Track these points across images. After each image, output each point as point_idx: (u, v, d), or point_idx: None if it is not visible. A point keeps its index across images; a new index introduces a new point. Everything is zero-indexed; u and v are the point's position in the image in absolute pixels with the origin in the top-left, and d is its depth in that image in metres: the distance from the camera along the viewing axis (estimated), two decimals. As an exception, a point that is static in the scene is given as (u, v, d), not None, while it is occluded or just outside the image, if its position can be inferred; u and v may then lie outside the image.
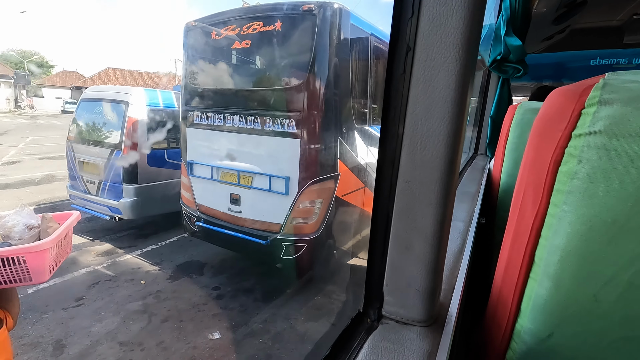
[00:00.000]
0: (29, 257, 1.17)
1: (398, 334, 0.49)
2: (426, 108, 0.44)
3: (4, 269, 1.12)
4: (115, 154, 4.69)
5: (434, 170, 0.45)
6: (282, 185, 3.24)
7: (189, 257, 4.69)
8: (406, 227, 0.49)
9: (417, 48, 0.44)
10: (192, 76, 3.79)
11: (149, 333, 3.12)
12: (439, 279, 0.52)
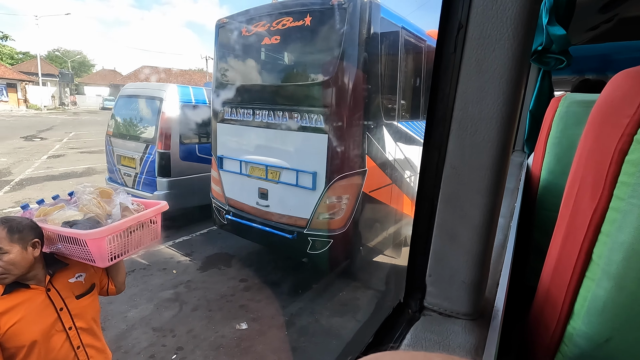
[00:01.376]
0: (90, 242, 1.34)
1: (441, 326, 0.47)
2: (478, 89, 0.42)
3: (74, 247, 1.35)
4: (150, 148, 4.88)
5: (485, 156, 0.43)
6: (309, 180, 3.25)
7: (218, 249, 4.81)
8: (452, 216, 0.47)
9: (470, 25, 0.41)
10: (222, 72, 3.87)
11: (180, 320, 3.23)
12: (486, 272, 0.49)
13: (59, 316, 1.35)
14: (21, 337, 1.24)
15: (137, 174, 5.08)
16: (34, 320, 1.28)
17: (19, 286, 1.27)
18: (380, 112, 3.39)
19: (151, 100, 4.99)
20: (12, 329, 1.22)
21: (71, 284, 1.42)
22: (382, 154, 3.45)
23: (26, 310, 1.27)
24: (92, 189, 1.60)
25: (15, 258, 1.22)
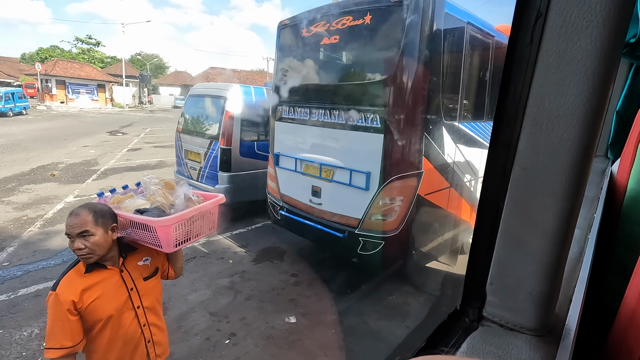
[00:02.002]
0: (159, 229, 1.49)
1: (502, 339, 0.44)
2: (558, 82, 0.37)
3: (144, 232, 1.51)
4: (213, 144, 5.20)
5: (562, 157, 0.38)
6: (362, 180, 3.22)
7: (271, 243, 4.99)
8: (520, 221, 0.43)
9: (550, 13, 0.37)
10: (282, 72, 3.99)
11: (234, 308, 3.41)
12: (557, 285, 0.44)
13: (129, 295, 1.49)
14: (99, 312, 1.39)
15: (201, 168, 5.45)
16: (110, 297, 1.43)
17: (98, 266, 1.42)
18: (440, 112, 3.25)
19: (216, 99, 5.32)
20: (92, 304, 1.37)
21: (139, 266, 1.57)
22: (440, 155, 3.31)
23: (104, 289, 1.42)
24: (157, 180, 1.75)
25: (99, 240, 1.37)
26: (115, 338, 1.45)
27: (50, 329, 1.32)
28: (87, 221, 1.35)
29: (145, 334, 1.55)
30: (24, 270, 3.91)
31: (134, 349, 1.52)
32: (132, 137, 15.98)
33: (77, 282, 1.37)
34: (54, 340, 1.31)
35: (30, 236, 4.80)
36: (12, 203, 6.11)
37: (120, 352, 1.47)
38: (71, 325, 1.33)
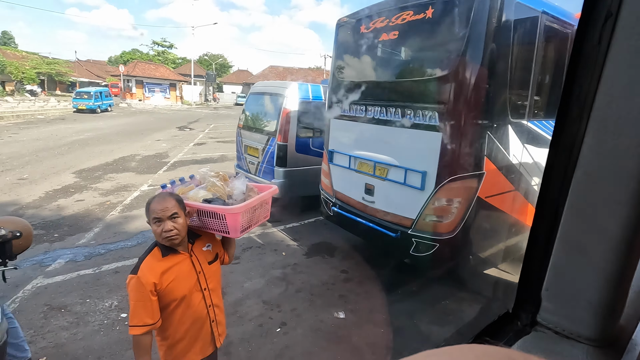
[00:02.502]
0: (228, 216, 1.64)
1: (557, 346, 0.42)
2: (629, 84, 0.35)
3: (212, 220, 1.68)
4: (271, 140, 5.42)
5: (631, 162, 0.36)
6: (418, 179, 3.15)
7: (322, 238, 5.08)
8: (581, 227, 0.41)
9: (622, 13, 0.35)
10: (339, 69, 4.03)
11: (285, 298, 3.55)
12: (622, 296, 0.42)
13: (198, 278, 1.64)
14: (175, 293, 1.55)
15: (259, 163, 5.72)
16: (183, 279, 1.58)
17: (172, 251, 1.57)
18: (506, 109, 3.05)
19: (275, 97, 5.52)
20: (169, 285, 1.53)
21: (204, 252, 1.72)
22: (504, 156, 3.10)
23: (178, 271, 1.57)
24: (212, 173, 1.91)
25: (183, 222, 1.54)
26: (186, 317, 1.60)
27: (134, 308, 1.47)
28: (175, 205, 1.52)
29: (210, 314, 1.70)
30: (106, 249, 4.45)
31: (201, 327, 1.67)
32: (198, 132, 17.20)
33: (157, 265, 1.52)
34: (137, 319, 1.47)
35: (112, 219, 5.44)
36: (98, 189, 6.95)
37: (189, 329, 1.63)
38: (152, 305, 1.48)
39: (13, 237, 2.17)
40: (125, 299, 3.37)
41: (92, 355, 2.65)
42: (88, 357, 2.63)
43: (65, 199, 6.26)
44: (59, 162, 9.09)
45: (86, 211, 5.70)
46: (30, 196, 6.30)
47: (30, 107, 21.90)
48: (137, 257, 4.24)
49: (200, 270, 1.65)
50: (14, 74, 32.37)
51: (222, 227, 1.64)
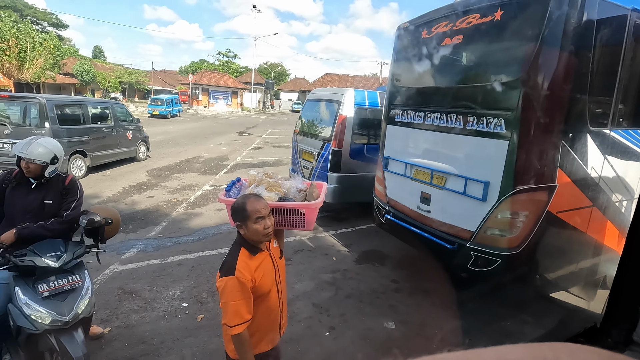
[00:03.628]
0: (307, 211, 1.79)
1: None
2: None
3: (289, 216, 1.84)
4: (326, 146, 5.49)
5: None
6: (479, 190, 2.97)
7: (373, 246, 5.00)
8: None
9: None
10: (397, 76, 3.97)
11: (335, 303, 3.54)
12: None
13: (274, 273, 1.76)
14: (263, 287, 1.65)
15: (313, 168, 5.82)
16: (268, 275, 1.69)
17: (259, 250, 1.68)
18: (584, 117, 2.76)
19: (331, 103, 5.60)
20: (260, 281, 1.63)
21: (275, 248, 1.84)
22: (581, 168, 2.81)
23: (264, 268, 1.68)
24: (262, 175, 2.06)
25: (271, 221, 1.66)
26: (265, 309, 1.70)
27: (235, 308, 1.53)
28: (267, 204, 1.65)
29: (280, 306, 1.81)
30: (171, 242, 4.82)
31: (275, 318, 1.79)
32: (255, 137, 18.01)
33: (250, 264, 1.61)
34: (238, 317, 1.52)
35: (177, 215, 5.88)
36: (167, 187, 7.58)
37: (266, 321, 1.73)
38: (250, 302, 1.58)
39: (105, 224, 2.45)
40: (186, 289, 3.62)
41: (156, 338, 2.87)
42: (153, 339, 2.86)
43: (139, 195, 6.91)
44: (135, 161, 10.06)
45: (155, 207, 6.24)
46: (110, 191, 7.06)
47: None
48: (197, 252, 4.51)
49: (276, 265, 1.77)
50: (102, 83, 36.70)
51: (299, 222, 1.80)
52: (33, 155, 2.26)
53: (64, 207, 2.42)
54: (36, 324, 2.00)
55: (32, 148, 2.26)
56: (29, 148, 2.25)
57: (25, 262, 2.10)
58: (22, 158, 2.28)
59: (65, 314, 2.06)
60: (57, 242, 2.29)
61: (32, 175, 2.34)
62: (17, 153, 2.27)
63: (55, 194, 2.42)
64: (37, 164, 2.29)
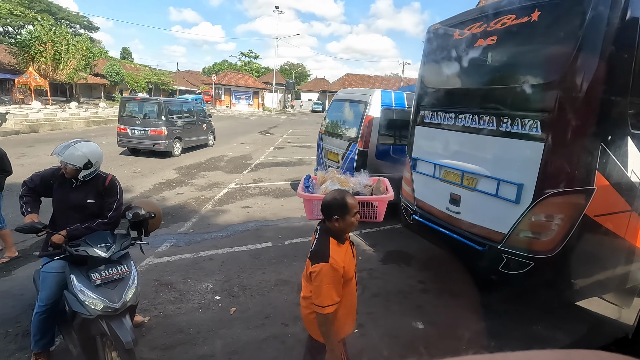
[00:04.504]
0: (380, 203, 1.96)
1: None
2: None
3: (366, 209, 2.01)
4: (352, 146, 5.54)
5: None
6: (512, 191, 2.94)
7: (398, 246, 5.01)
8: None
9: None
10: (427, 77, 3.97)
11: (361, 301, 3.50)
12: None
13: (354, 261, 1.93)
14: (348, 273, 1.80)
15: (338, 168, 5.87)
16: (351, 262, 1.86)
17: (344, 240, 1.85)
18: (625, 119, 2.70)
19: (358, 104, 5.64)
20: (346, 267, 1.77)
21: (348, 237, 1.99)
22: (621, 171, 2.74)
23: (350, 256, 1.85)
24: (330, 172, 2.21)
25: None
26: (349, 293, 1.87)
27: (328, 291, 1.69)
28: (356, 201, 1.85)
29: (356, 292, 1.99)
30: (202, 237, 4.98)
31: (354, 303, 1.98)
32: (277, 137, 18.22)
33: (340, 251, 1.78)
34: (330, 299, 1.69)
35: (205, 212, 6.06)
36: (194, 185, 7.81)
37: (350, 303, 1.91)
38: (340, 285, 1.74)
39: (149, 217, 2.59)
40: (218, 283, 3.75)
41: (193, 328, 3.01)
42: (190, 329, 2.99)
43: (169, 191, 7.16)
44: (162, 159, 10.41)
45: (185, 203, 6.45)
46: (142, 187, 7.34)
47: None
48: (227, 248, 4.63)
49: (354, 254, 1.96)
50: (130, 83, 38.01)
51: (372, 214, 1.97)
52: (67, 159, 2.35)
53: (106, 207, 2.55)
54: (90, 309, 2.14)
55: (68, 151, 2.35)
56: (66, 151, 2.36)
57: (79, 251, 2.26)
58: (61, 160, 2.38)
59: (116, 301, 2.20)
60: (106, 233, 2.44)
61: (69, 176, 2.45)
62: (56, 154, 2.37)
63: (96, 194, 2.52)
64: (71, 167, 2.39)
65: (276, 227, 5.50)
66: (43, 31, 25.00)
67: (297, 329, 3.08)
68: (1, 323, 2.94)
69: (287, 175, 9.34)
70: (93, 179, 2.54)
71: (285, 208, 6.50)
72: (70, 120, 16.42)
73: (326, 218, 1.83)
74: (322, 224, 1.89)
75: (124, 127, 10.35)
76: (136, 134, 10.27)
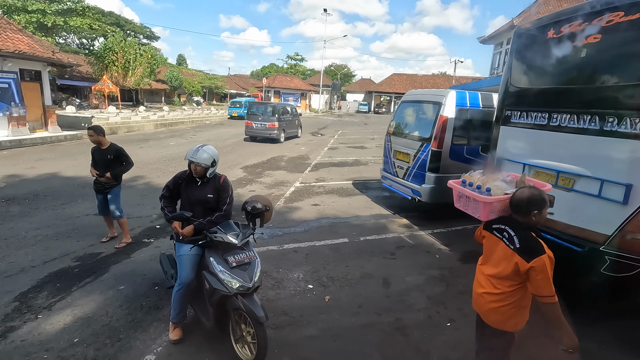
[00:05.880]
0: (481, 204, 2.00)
1: None
2: None
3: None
4: (424, 147, 5.60)
5: None
6: (619, 192, 2.88)
7: (473, 246, 4.98)
8: None
9: None
10: (516, 77, 3.94)
11: (449, 297, 3.67)
12: None
13: None
14: None
15: (409, 168, 5.96)
16: None
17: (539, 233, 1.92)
18: None
19: (431, 105, 5.69)
20: None
21: None
22: None
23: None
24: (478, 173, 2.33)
25: None
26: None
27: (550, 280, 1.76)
28: None
29: None
30: (282, 232, 5.33)
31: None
32: (328, 138, 18.54)
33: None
34: (553, 289, 1.77)
35: (279, 208, 6.43)
36: (262, 183, 8.28)
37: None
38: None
39: (265, 210, 2.91)
40: (308, 273, 4.04)
41: (295, 312, 3.29)
42: (292, 313, 3.28)
43: (241, 189, 7.67)
44: (229, 159, 11.11)
45: (259, 200, 6.88)
46: (216, 184, 7.92)
47: (200, 114, 27.15)
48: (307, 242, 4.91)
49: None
50: (187, 88, 40.56)
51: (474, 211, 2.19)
52: (199, 160, 2.80)
53: (221, 201, 2.96)
54: (228, 287, 2.48)
55: (199, 154, 2.81)
56: (197, 154, 2.81)
57: (217, 237, 2.62)
58: (192, 162, 2.83)
59: (248, 281, 2.53)
60: (234, 224, 2.80)
61: (198, 175, 2.90)
62: (189, 158, 2.82)
63: (214, 190, 2.96)
64: (202, 167, 2.84)
65: (349, 224, 5.71)
66: (115, 42, 27.57)
67: (392, 319, 3.25)
68: (135, 298, 3.42)
69: (346, 175, 9.55)
70: (212, 178, 2.95)
71: (352, 206, 6.70)
72: (142, 123, 17.98)
73: (523, 213, 1.89)
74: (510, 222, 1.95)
75: (250, 122, 15.43)
76: (258, 127, 15.25)
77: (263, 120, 15.25)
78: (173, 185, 3.00)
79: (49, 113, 13.20)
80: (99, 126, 4.44)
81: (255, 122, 15.32)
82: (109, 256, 4.27)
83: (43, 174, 8.15)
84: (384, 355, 2.81)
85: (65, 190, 6.87)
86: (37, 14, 25.99)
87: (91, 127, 4.35)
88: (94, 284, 3.65)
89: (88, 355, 2.64)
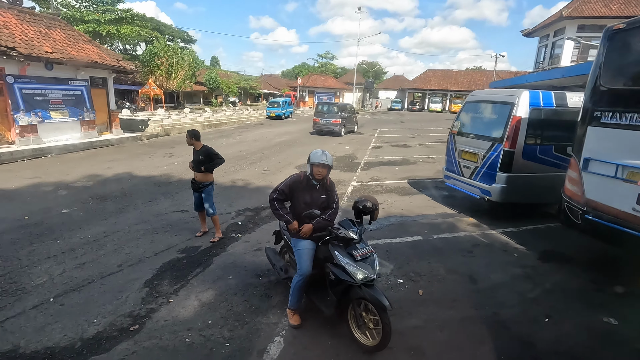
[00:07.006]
0: None
1: None
2: None
3: None
4: (495, 147, 5.66)
5: None
6: None
7: (549, 246, 5.02)
8: None
9: None
10: (608, 77, 3.94)
11: (538, 294, 3.76)
12: None
13: None
14: None
15: (476, 167, 6.02)
16: None
17: None
18: None
19: (502, 105, 5.72)
20: None
21: None
22: None
23: None
24: None
25: None
26: None
27: None
28: None
29: None
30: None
31: None
32: (368, 136, 18.65)
33: None
34: None
35: (345, 206, 6.67)
36: (320, 182, 8.55)
37: None
38: None
39: (375, 209, 3.16)
40: (394, 269, 4.25)
41: (395, 304, 3.51)
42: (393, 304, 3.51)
43: (302, 187, 7.98)
44: (280, 158, 11.52)
45: (323, 198, 7.17)
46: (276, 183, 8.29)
47: (240, 114, 28.05)
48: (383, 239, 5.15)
49: None
50: (224, 89, 41.88)
51: None
52: (328, 161, 3.10)
53: (330, 200, 3.29)
54: (355, 278, 2.75)
55: (326, 157, 3.11)
56: (325, 157, 3.10)
57: (341, 233, 2.91)
58: (320, 165, 3.08)
59: (372, 273, 2.79)
60: (349, 221, 3.07)
61: (320, 177, 3.16)
62: (318, 161, 3.09)
63: (325, 191, 3.28)
64: (326, 168, 3.12)
65: (417, 223, 5.88)
66: (160, 47, 29.02)
67: (489, 313, 3.41)
68: (245, 287, 3.79)
69: (399, 174, 9.67)
70: (323, 179, 3.22)
71: (415, 205, 6.84)
72: (191, 125, 18.87)
73: None
74: None
75: (317, 119, 18.39)
76: (324, 122, 18.18)
77: (328, 117, 18.08)
78: (289, 190, 3.30)
79: (113, 117, 14.25)
80: (193, 131, 4.91)
81: (322, 118, 18.22)
82: (207, 249, 4.70)
83: (119, 173, 8.89)
84: (494, 346, 2.98)
85: (145, 189, 7.49)
86: (93, 24, 27.85)
87: (187, 132, 4.87)
88: (205, 274, 4.06)
89: (225, 335, 3.01)
